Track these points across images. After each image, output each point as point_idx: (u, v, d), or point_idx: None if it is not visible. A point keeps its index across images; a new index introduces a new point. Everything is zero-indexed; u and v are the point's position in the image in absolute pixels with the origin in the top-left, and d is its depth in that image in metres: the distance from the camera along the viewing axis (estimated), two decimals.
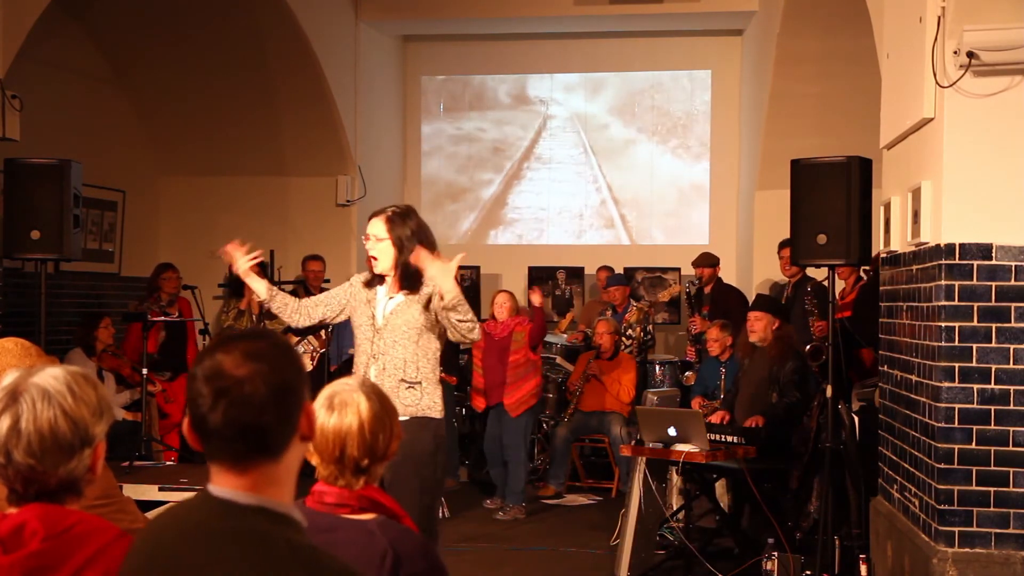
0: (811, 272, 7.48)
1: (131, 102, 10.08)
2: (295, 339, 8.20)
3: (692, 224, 11.48)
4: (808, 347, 6.82)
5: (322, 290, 9.25)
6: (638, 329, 9.09)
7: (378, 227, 4.32)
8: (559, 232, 11.71)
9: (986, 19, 4.51)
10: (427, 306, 4.28)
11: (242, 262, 4.44)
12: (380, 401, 2.44)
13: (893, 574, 5.22)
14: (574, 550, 6.76)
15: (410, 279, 4.30)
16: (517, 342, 7.76)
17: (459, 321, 4.18)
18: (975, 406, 4.66)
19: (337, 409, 2.37)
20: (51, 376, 1.97)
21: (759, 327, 6.61)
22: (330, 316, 4.49)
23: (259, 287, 4.50)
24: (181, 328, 8.60)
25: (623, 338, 8.88)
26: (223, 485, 1.73)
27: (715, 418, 6.52)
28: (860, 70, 7.62)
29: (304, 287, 9.14)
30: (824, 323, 7.31)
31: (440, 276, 4.16)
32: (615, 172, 11.64)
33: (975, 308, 4.66)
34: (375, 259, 4.32)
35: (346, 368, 7.86)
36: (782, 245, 8.19)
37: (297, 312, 4.49)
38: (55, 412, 1.94)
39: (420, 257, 4.15)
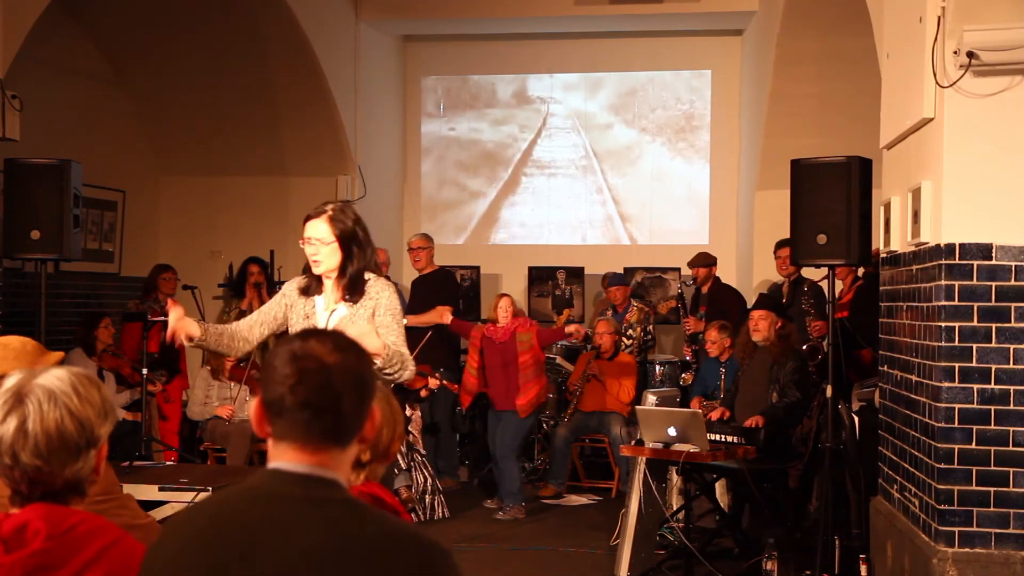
0: (809, 272, 7.48)
1: (131, 102, 10.08)
2: None
3: (692, 224, 11.47)
4: (805, 346, 6.83)
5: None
6: (638, 329, 9.09)
7: (320, 228, 4.00)
8: (559, 232, 11.71)
9: (986, 19, 4.51)
10: (374, 313, 4.01)
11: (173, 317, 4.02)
12: (388, 402, 2.45)
13: (893, 574, 5.22)
14: (574, 550, 6.76)
15: (354, 285, 4.00)
16: (524, 343, 7.76)
17: (388, 375, 3.89)
18: (975, 406, 4.66)
19: None
20: (56, 377, 1.97)
21: (763, 326, 6.61)
22: (269, 334, 4.18)
23: (192, 328, 4.08)
24: None
25: (623, 338, 8.88)
26: (292, 461, 1.75)
27: (714, 415, 6.52)
28: (860, 70, 7.62)
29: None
30: (821, 323, 7.33)
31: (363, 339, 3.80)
32: (615, 172, 11.64)
33: (975, 308, 4.66)
34: (317, 262, 4.00)
35: None
36: (779, 245, 8.20)
37: (233, 339, 4.14)
38: (61, 413, 1.94)
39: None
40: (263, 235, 9.76)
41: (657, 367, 9.21)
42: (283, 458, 1.76)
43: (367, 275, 4.04)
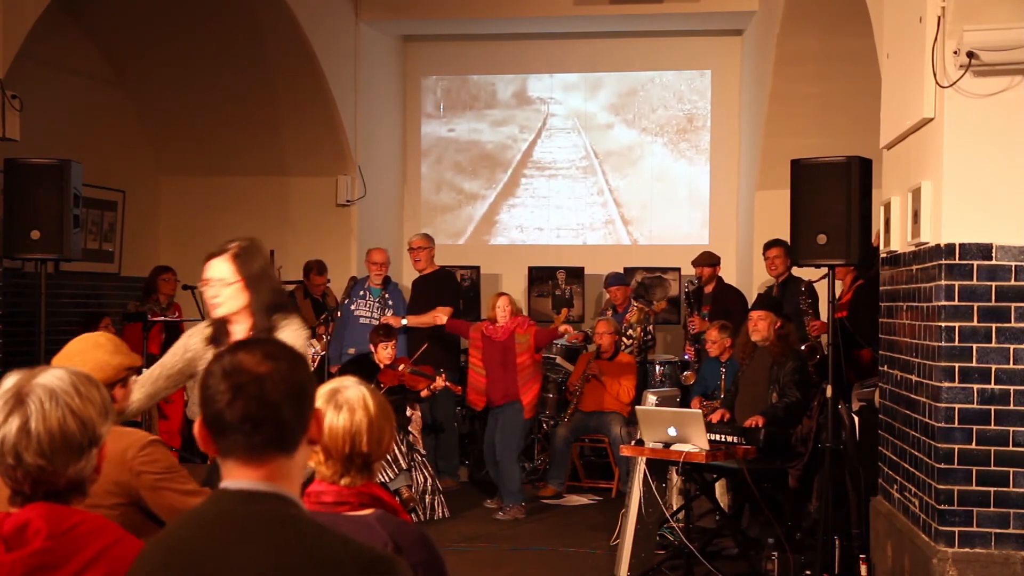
0: (805, 272, 7.47)
1: (131, 102, 10.08)
2: None
3: (692, 224, 11.47)
4: (804, 346, 6.83)
5: (324, 296, 9.28)
6: (638, 329, 9.09)
7: (221, 269, 3.74)
8: (559, 232, 11.70)
9: (986, 19, 4.51)
10: None
11: None
12: (380, 401, 2.46)
13: (893, 574, 5.22)
14: (574, 550, 6.76)
15: (264, 323, 3.72)
16: (521, 344, 7.77)
17: None
18: (975, 406, 4.66)
19: (344, 407, 2.40)
20: (56, 377, 1.97)
21: (763, 326, 6.62)
22: (177, 387, 3.94)
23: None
24: (180, 329, 8.60)
25: (623, 338, 8.88)
26: (238, 478, 1.77)
27: (715, 416, 6.52)
28: (860, 70, 7.62)
29: (305, 290, 9.15)
30: (819, 322, 7.33)
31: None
32: (615, 172, 11.64)
33: (975, 308, 4.66)
34: (217, 304, 3.74)
35: (347, 371, 7.85)
36: (767, 246, 8.21)
37: (147, 401, 3.93)
38: (63, 412, 1.94)
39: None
40: (263, 235, 9.62)
41: (657, 367, 9.21)
42: (230, 475, 1.77)
43: (277, 318, 3.75)
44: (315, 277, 9.21)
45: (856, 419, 6.30)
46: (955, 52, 4.55)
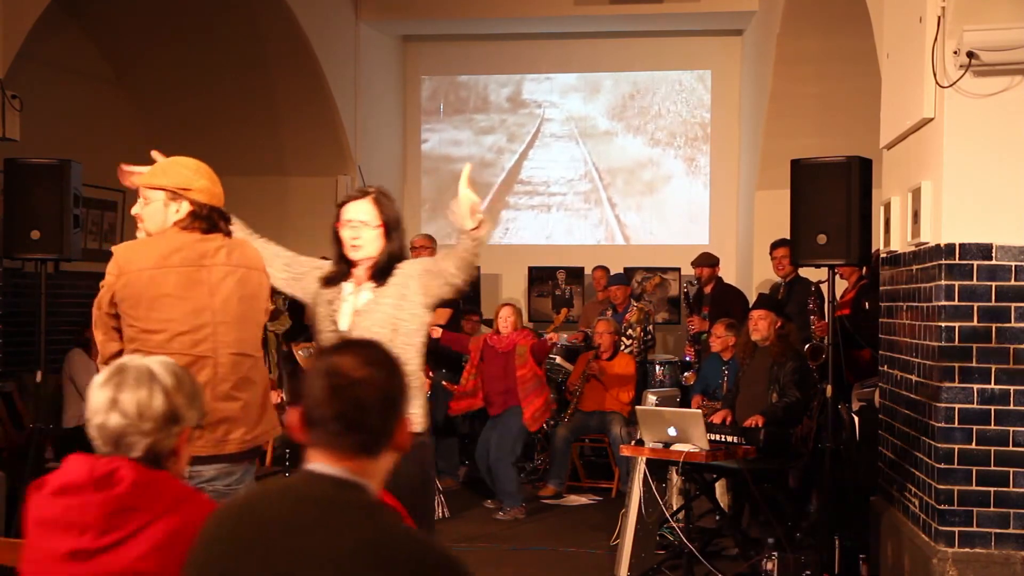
0: (808, 272, 7.48)
1: (131, 102, 10.08)
2: (302, 344, 8.21)
3: (692, 224, 11.48)
4: (808, 346, 6.83)
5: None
6: (638, 329, 9.09)
7: (365, 211, 3.68)
8: (559, 232, 11.71)
9: (986, 19, 4.51)
10: (403, 297, 3.65)
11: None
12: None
13: (893, 574, 5.22)
14: (574, 550, 6.76)
15: (386, 270, 3.67)
16: (521, 356, 7.78)
17: (477, 255, 3.61)
18: (975, 406, 4.66)
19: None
20: (159, 362, 2.28)
21: (763, 326, 6.62)
22: (279, 280, 3.82)
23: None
24: None
25: (623, 338, 8.88)
26: (326, 466, 1.89)
27: (716, 418, 6.52)
28: (860, 70, 7.62)
29: None
30: (825, 323, 7.33)
31: (466, 202, 3.57)
32: (615, 172, 11.64)
33: (975, 308, 4.66)
34: (357, 246, 3.67)
35: None
36: (775, 245, 8.20)
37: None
38: (155, 388, 2.23)
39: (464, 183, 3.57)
40: (263, 235, 9.75)
41: (657, 367, 9.21)
42: (319, 462, 1.89)
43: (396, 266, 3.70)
44: None
45: (856, 419, 6.30)
46: (955, 52, 4.55)
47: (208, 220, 3.55)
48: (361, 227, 3.67)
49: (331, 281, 3.73)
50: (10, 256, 6.35)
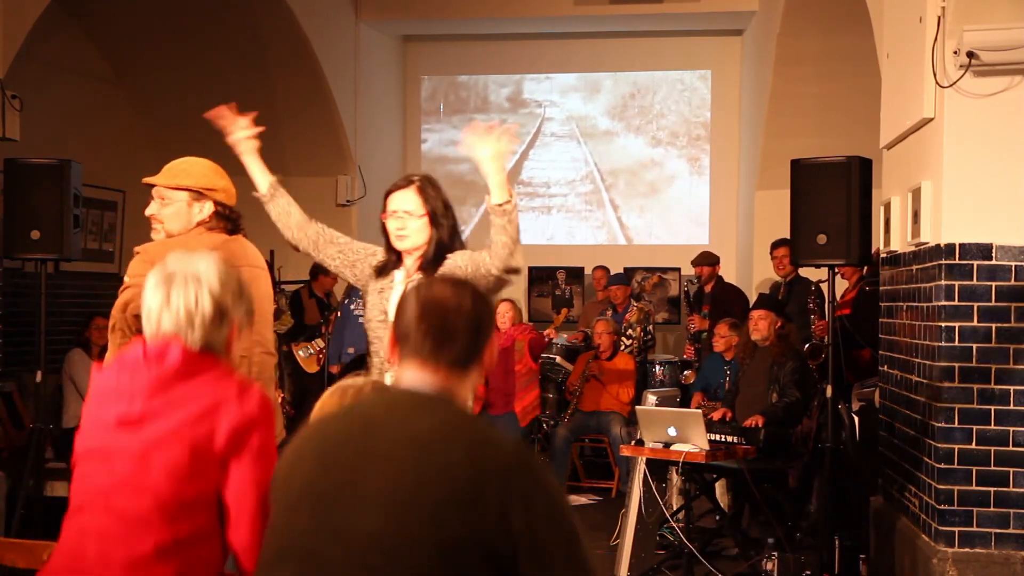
0: (809, 272, 7.48)
1: (131, 102, 10.08)
2: (302, 344, 8.21)
3: (692, 224, 11.48)
4: (807, 346, 6.83)
5: (327, 297, 9.27)
6: (638, 329, 9.09)
7: (410, 200, 3.62)
8: (559, 232, 11.71)
9: (986, 19, 4.51)
10: None
11: (240, 134, 3.79)
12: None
13: (893, 574, 5.22)
14: None
15: (436, 260, 3.61)
16: (519, 351, 7.79)
17: (513, 238, 3.51)
18: (975, 406, 4.66)
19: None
20: (204, 261, 2.40)
21: (763, 326, 6.62)
22: (332, 265, 3.83)
23: (259, 177, 3.92)
24: None
25: (623, 338, 8.87)
26: (415, 380, 2.03)
27: (716, 415, 6.52)
28: (860, 70, 7.62)
29: (309, 289, 9.14)
30: (825, 323, 7.33)
31: (496, 160, 3.51)
32: (615, 172, 11.64)
33: (975, 308, 4.66)
34: (403, 236, 3.61)
35: (349, 370, 7.84)
36: (775, 245, 8.21)
37: (303, 231, 3.93)
38: (203, 290, 2.35)
39: (471, 132, 3.51)
40: (263, 235, 9.74)
41: (657, 367, 9.21)
42: (410, 378, 2.04)
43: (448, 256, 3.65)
44: (323, 278, 9.19)
45: (856, 419, 6.30)
46: (955, 52, 4.55)
47: (231, 220, 3.61)
48: (406, 217, 3.62)
49: (382, 271, 3.70)
50: (10, 256, 6.35)
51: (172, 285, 2.36)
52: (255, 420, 2.31)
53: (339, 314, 8.55)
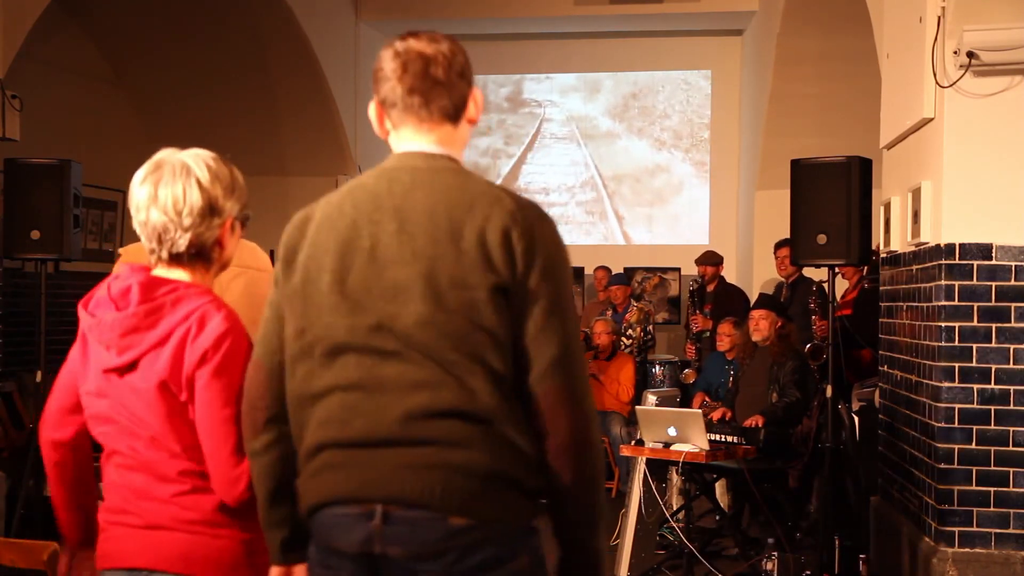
0: (809, 272, 7.48)
1: (131, 102, 10.08)
2: None
3: (692, 224, 11.47)
4: (808, 346, 6.82)
5: None
6: (638, 329, 9.08)
7: None
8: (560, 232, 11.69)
9: (986, 19, 4.51)
10: None
11: None
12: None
13: (893, 574, 5.22)
14: None
15: None
16: None
17: None
18: (975, 406, 4.66)
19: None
20: (193, 154, 2.33)
21: (764, 326, 6.62)
22: None
23: None
24: None
25: (623, 338, 8.87)
26: (412, 143, 2.06)
27: (715, 414, 6.52)
28: (860, 70, 7.62)
29: None
30: (826, 323, 7.32)
31: None
32: (615, 172, 11.64)
33: (975, 308, 4.66)
34: None
35: None
36: (779, 245, 8.20)
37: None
38: (191, 182, 2.28)
39: None
40: (263, 235, 9.73)
41: (657, 367, 9.20)
42: (404, 143, 2.07)
43: None
44: None
45: (856, 419, 6.30)
46: (955, 52, 4.55)
47: None
48: None
49: None
50: (10, 256, 6.35)
51: (160, 177, 2.30)
52: (219, 340, 2.23)
53: None
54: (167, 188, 2.28)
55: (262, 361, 2.10)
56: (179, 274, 2.33)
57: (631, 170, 11.60)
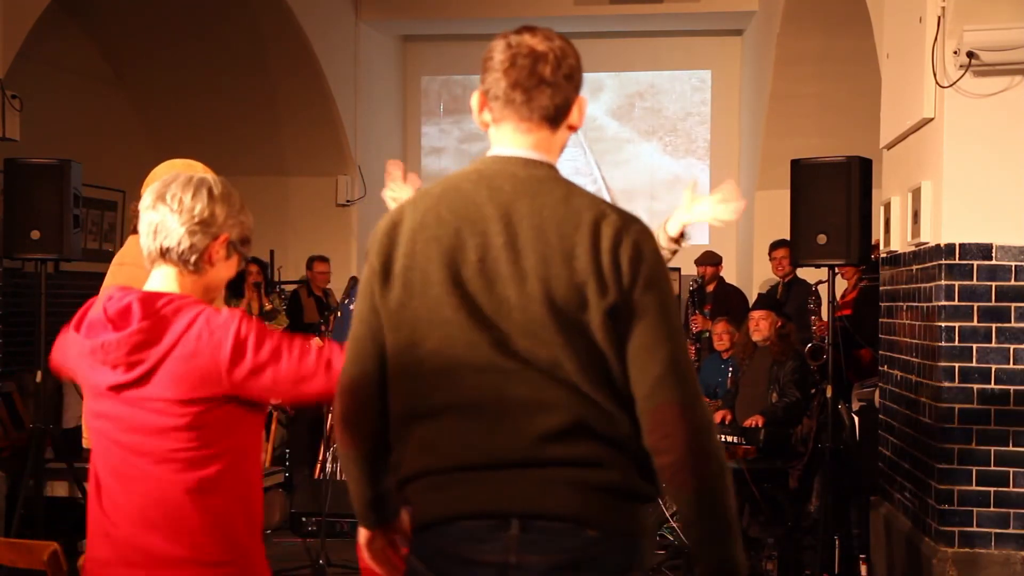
0: (809, 272, 7.47)
1: (131, 102, 10.08)
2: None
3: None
4: (808, 347, 6.82)
5: (326, 296, 9.26)
6: None
7: None
8: None
9: (986, 19, 4.51)
10: None
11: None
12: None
13: (893, 574, 5.22)
14: None
15: None
16: None
17: None
18: (975, 406, 4.66)
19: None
20: (213, 177, 2.45)
21: (764, 326, 6.61)
22: None
23: None
24: None
25: None
26: (510, 146, 2.01)
27: (716, 418, 6.51)
28: (860, 70, 7.62)
29: (308, 288, 9.13)
30: (824, 322, 7.32)
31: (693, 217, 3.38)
32: (614, 172, 11.64)
33: (975, 308, 4.66)
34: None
35: None
36: (774, 246, 8.21)
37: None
38: (202, 191, 2.38)
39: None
40: (263, 235, 9.70)
41: None
42: (502, 142, 2.01)
43: None
44: (317, 265, 9.15)
45: (856, 419, 6.30)
46: (955, 52, 4.55)
47: None
48: None
49: None
50: (10, 256, 6.35)
51: (175, 179, 2.41)
52: (241, 335, 2.27)
53: (339, 314, 8.54)
54: (177, 188, 2.38)
55: (358, 377, 2.05)
56: (169, 272, 2.38)
57: (630, 171, 11.59)
